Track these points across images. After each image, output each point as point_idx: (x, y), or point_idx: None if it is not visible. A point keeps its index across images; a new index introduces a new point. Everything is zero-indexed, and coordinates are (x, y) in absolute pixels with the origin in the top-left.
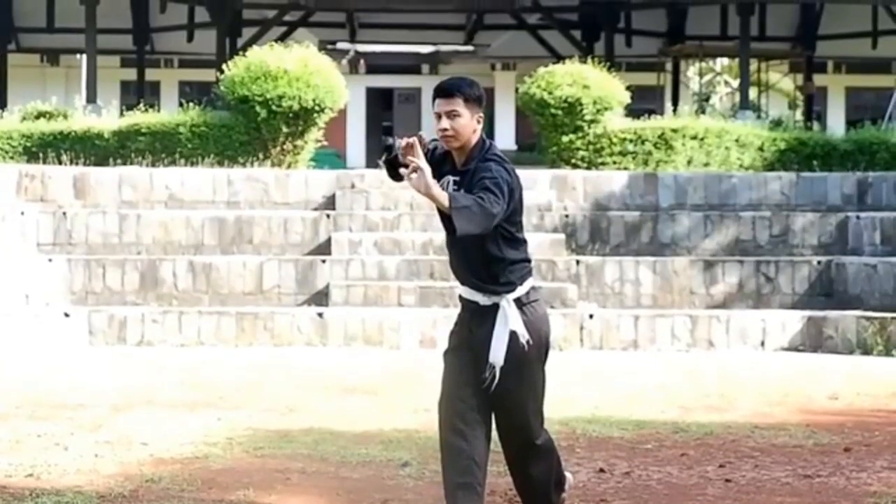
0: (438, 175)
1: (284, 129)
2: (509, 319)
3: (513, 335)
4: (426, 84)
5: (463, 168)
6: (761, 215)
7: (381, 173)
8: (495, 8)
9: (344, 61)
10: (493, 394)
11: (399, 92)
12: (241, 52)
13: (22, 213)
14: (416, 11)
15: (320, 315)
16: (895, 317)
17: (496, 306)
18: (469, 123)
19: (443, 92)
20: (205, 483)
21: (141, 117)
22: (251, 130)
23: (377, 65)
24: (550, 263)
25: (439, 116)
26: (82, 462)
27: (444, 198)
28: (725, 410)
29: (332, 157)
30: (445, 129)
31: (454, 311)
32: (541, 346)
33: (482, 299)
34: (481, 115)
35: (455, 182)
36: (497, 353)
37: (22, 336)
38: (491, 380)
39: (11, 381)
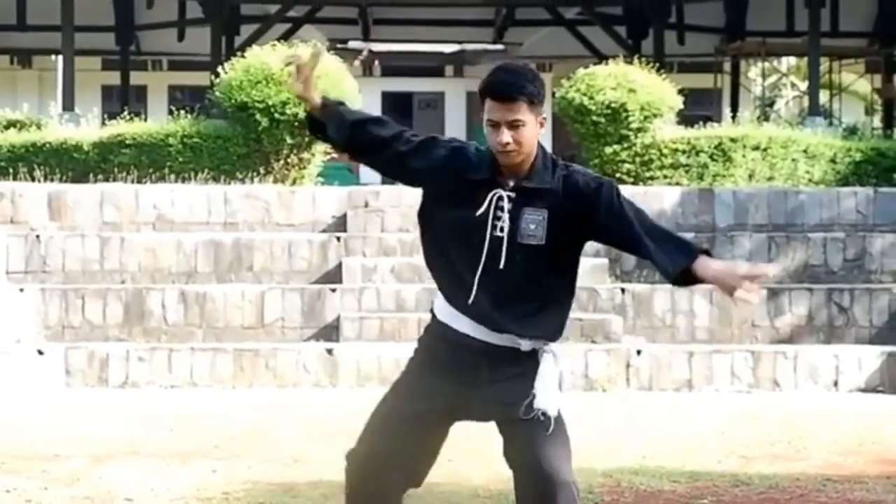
0: (475, 187)
1: (289, 141)
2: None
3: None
4: (450, 88)
5: (524, 184)
6: (834, 237)
7: (399, 189)
8: (528, 1)
9: (356, 62)
10: (520, 450)
11: (419, 97)
12: (238, 53)
13: None
14: (439, 6)
15: (329, 352)
16: None
17: (534, 354)
18: (535, 131)
19: (500, 93)
20: None
21: (125, 127)
22: (251, 142)
23: (394, 66)
24: (592, 292)
25: (496, 126)
26: None
27: None
28: (793, 460)
29: (342, 171)
30: (507, 144)
31: None
32: None
33: (498, 339)
34: (545, 115)
35: (510, 199)
36: (549, 399)
37: None
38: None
39: None
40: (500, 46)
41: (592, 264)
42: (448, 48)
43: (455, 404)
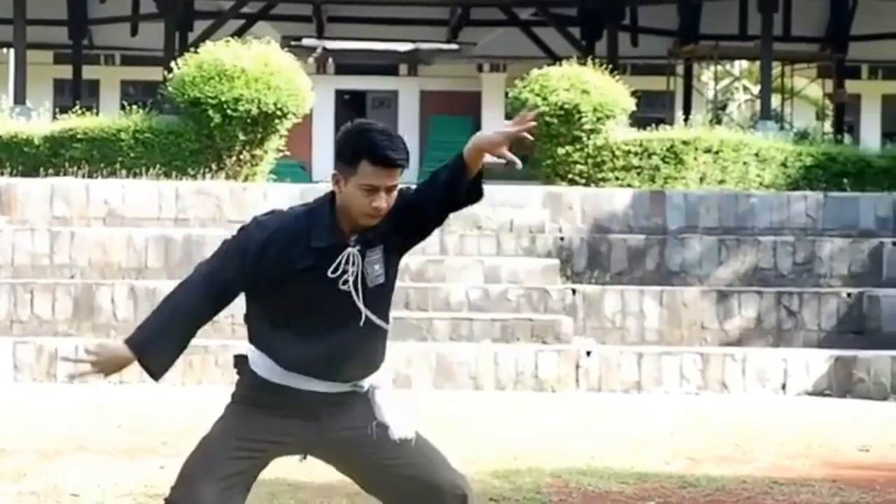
0: (316, 255)
1: (241, 137)
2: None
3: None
4: (403, 87)
5: (363, 234)
6: (784, 240)
7: None
8: (483, 1)
9: (310, 60)
10: (393, 474)
11: (373, 95)
12: (192, 49)
13: None
14: (394, 4)
15: None
16: None
17: (356, 393)
18: None
19: (388, 160)
20: None
21: (77, 121)
22: (203, 138)
23: (348, 64)
24: (542, 293)
25: (373, 191)
26: None
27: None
28: (740, 462)
29: (295, 168)
30: (382, 210)
31: (430, 346)
32: None
33: (341, 388)
34: None
35: (357, 253)
36: (403, 425)
37: None
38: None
39: None
40: (454, 46)
41: (543, 265)
42: (402, 47)
43: (287, 442)
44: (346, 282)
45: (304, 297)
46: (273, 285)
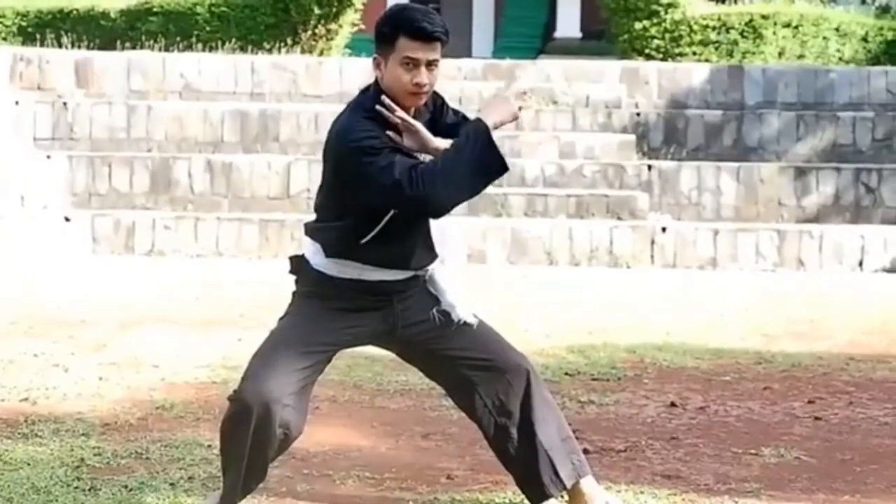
0: None
1: (316, 11)
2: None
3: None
4: None
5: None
6: (863, 116)
7: None
8: None
9: None
10: (453, 356)
11: None
12: None
13: (16, 103)
14: None
15: None
16: None
17: (418, 276)
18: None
19: (424, 32)
20: (223, 411)
21: None
22: (278, 11)
23: None
24: (618, 168)
25: (414, 65)
26: (84, 385)
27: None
28: (816, 339)
29: (370, 43)
30: (424, 86)
31: (504, 222)
32: None
33: (406, 274)
34: None
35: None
36: (464, 308)
37: (17, 243)
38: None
39: (5, 293)
40: None
41: (619, 140)
42: None
43: (357, 335)
44: None
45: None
46: (352, 182)
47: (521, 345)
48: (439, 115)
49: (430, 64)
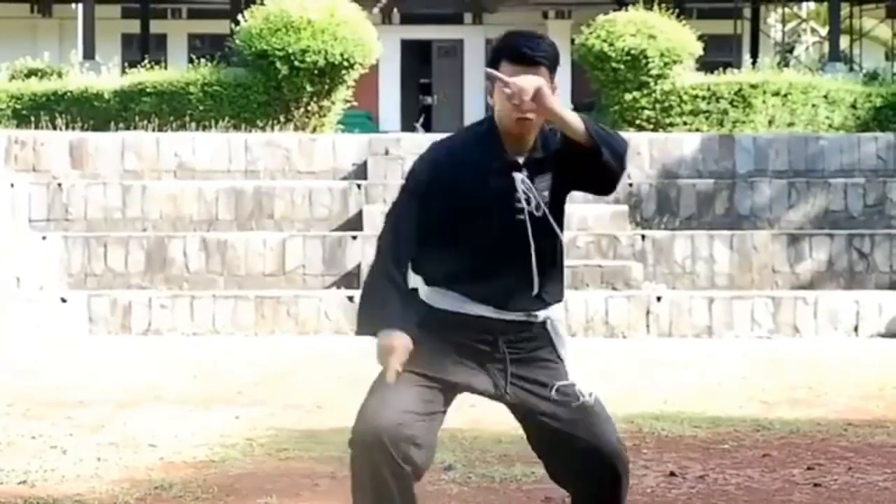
0: (485, 172)
1: (308, 88)
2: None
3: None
4: (469, 35)
5: (533, 156)
6: (854, 182)
7: (419, 137)
8: None
9: (375, 10)
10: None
11: (438, 44)
12: (258, 1)
13: (11, 185)
14: None
15: (351, 299)
16: None
17: (531, 323)
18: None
19: (524, 56)
20: (222, 490)
21: (145, 75)
22: (271, 90)
23: (413, 13)
24: (612, 239)
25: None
26: (83, 466)
27: (574, 118)
28: (814, 405)
29: (362, 119)
30: (528, 112)
31: None
32: None
33: (513, 316)
34: (556, 82)
35: (525, 175)
36: (584, 385)
37: (14, 324)
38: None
39: (3, 375)
40: None
41: (612, 211)
42: None
43: (467, 380)
44: (517, 201)
45: (470, 211)
46: (445, 211)
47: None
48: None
49: None
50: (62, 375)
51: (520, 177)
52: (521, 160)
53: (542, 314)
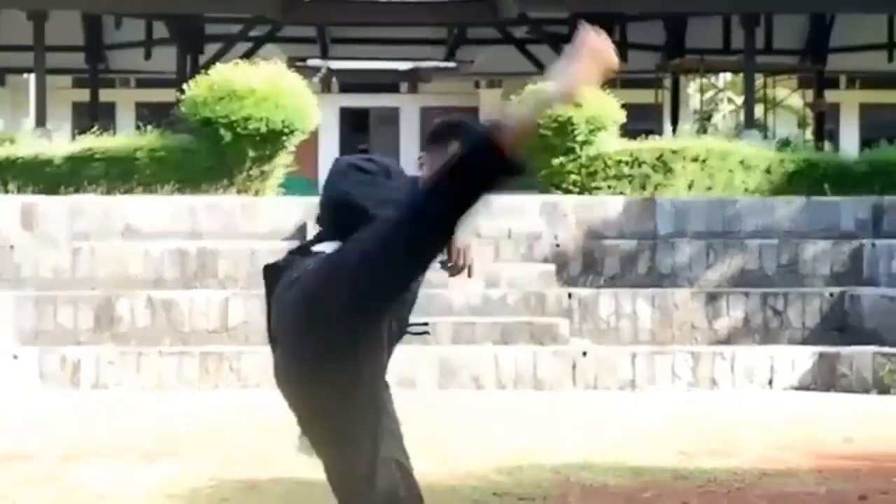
0: None
1: (251, 154)
2: None
3: None
4: (405, 103)
5: None
6: (768, 243)
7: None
8: (478, 21)
9: (315, 79)
10: None
11: (376, 112)
12: (203, 70)
13: None
14: (393, 25)
15: None
16: None
17: None
18: None
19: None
20: None
21: (95, 141)
22: (215, 155)
23: (351, 83)
24: (540, 296)
25: None
26: None
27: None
28: (730, 455)
29: (302, 182)
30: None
31: (433, 349)
32: None
33: None
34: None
35: None
36: None
37: None
38: None
39: None
40: (452, 64)
41: (540, 270)
42: (403, 65)
43: None
44: None
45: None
46: None
47: (449, 466)
48: None
49: None
50: (13, 429)
51: None
52: None
53: None
